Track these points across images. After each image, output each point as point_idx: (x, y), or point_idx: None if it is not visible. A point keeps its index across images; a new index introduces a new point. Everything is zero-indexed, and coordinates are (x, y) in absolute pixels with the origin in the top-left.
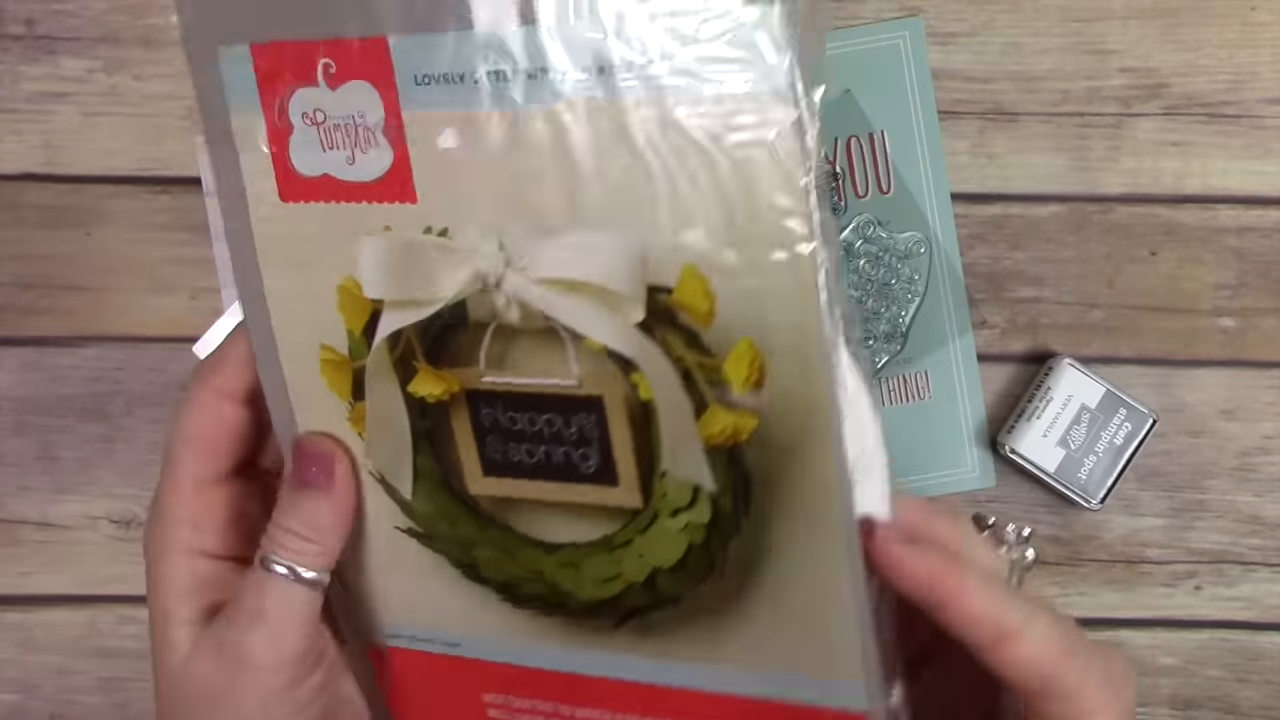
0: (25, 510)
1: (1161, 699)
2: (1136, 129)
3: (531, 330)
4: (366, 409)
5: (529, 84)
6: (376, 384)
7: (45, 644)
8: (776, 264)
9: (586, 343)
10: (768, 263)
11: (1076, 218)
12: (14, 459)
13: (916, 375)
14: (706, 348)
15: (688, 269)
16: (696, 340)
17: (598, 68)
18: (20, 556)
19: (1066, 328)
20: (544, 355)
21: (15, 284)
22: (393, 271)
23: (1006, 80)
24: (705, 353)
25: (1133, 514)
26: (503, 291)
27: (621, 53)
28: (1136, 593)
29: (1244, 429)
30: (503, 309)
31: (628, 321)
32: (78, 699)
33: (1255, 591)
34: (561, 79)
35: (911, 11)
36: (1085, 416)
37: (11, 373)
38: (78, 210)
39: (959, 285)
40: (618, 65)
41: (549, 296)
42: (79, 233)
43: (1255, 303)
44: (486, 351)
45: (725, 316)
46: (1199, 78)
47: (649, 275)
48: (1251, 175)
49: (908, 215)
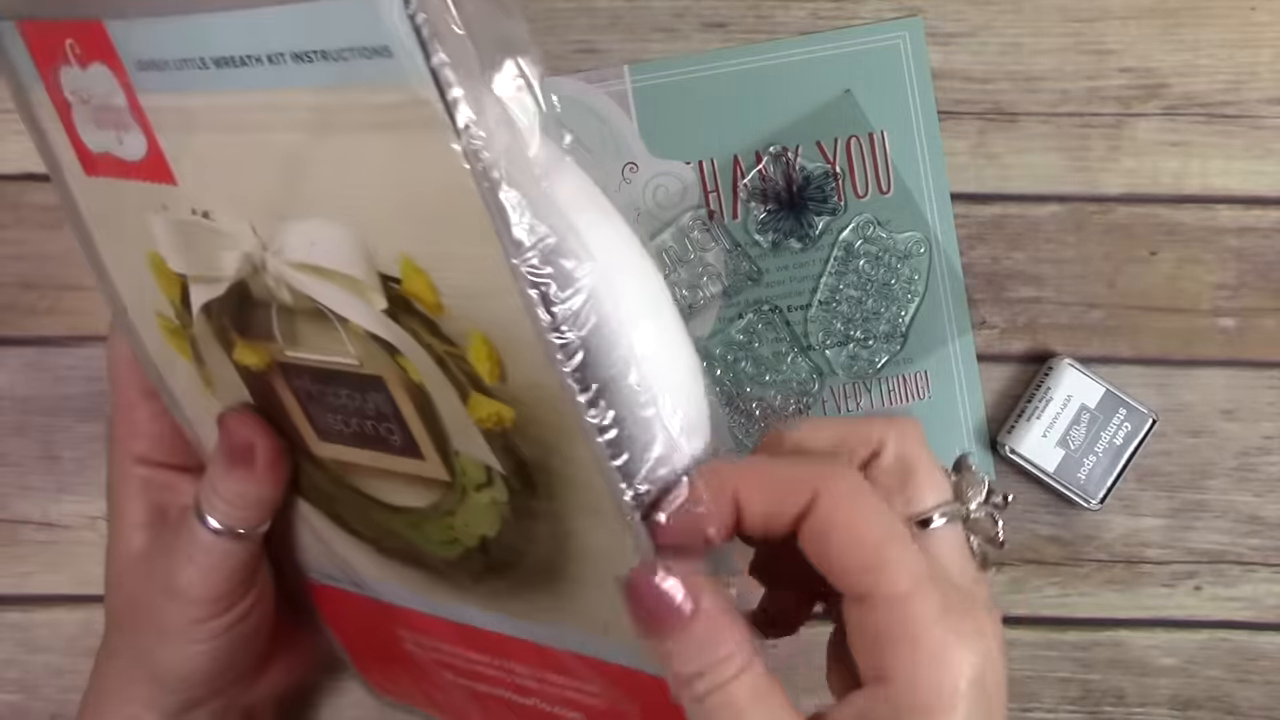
0: (26, 510)
1: (1161, 699)
2: (1136, 129)
3: (305, 310)
4: (210, 373)
5: (247, 70)
6: (209, 351)
7: (46, 644)
8: (473, 259)
9: (351, 325)
10: (467, 256)
11: (1076, 218)
12: (15, 459)
13: (916, 375)
14: (448, 337)
15: (406, 262)
16: (438, 329)
17: (298, 55)
18: (21, 556)
19: (1066, 328)
20: (324, 334)
21: (16, 284)
22: (181, 249)
23: (1006, 80)
24: (449, 342)
25: (1132, 514)
26: (269, 273)
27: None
28: (1136, 593)
29: (1244, 429)
30: (274, 289)
31: (375, 308)
32: (78, 699)
33: (1255, 591)
34: (270, 64)
35: (911, 11)
36: (1085, 416)
37: (13, 373)
38: None
39: (959, 285)
40: (313, 52)
41: (306, 280)
42: None
43: (1255, 303)
44: (279, 328)
45: (454, 309)
46: (1199, 78)
47: (380, 265)
48: (1251, 175)
49: (908, 215)
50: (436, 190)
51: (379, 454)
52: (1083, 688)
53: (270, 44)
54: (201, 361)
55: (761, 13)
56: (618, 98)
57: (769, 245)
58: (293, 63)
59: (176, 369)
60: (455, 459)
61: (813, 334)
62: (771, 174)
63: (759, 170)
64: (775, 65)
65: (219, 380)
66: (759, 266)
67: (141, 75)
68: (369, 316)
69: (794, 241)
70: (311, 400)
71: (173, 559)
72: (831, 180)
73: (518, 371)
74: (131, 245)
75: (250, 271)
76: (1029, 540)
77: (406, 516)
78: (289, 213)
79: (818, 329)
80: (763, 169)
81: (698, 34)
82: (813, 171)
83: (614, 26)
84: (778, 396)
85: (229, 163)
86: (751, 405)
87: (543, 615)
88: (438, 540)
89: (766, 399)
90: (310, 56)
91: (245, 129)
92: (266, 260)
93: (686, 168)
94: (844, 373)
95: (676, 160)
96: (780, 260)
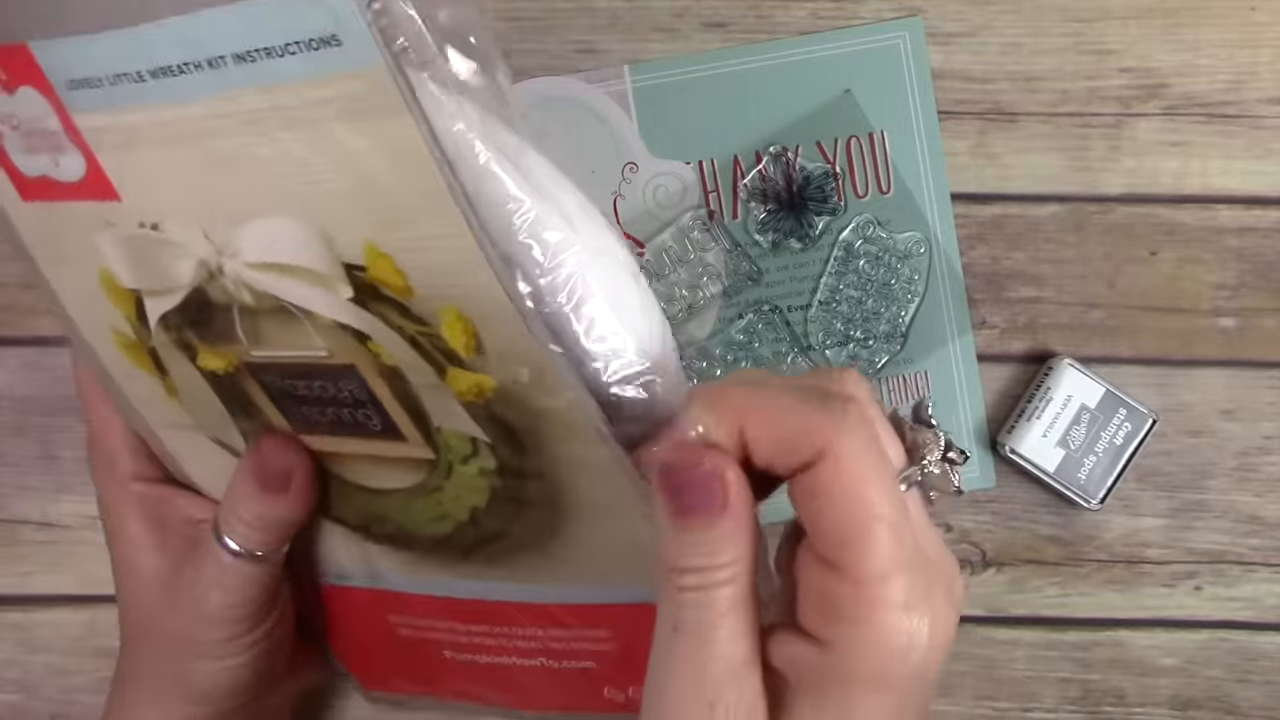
0: (26, 510)
1: (1161, 699)
2: (1136, 129)
3: (268, 309)
4: (175, 383)
5: (186, 77)
6: (171, 361)
7: (46, 644)
8: (439, 237)
9: (317, 318)
10: (432, 235)
11: (1076, 218)
12: (14, 459)
13: (916, 375)
14: (420, 318)
15: (370, 248)
16: (408, 311)
17: (240, 55)
18: (21, 556)
19: (1066, 328)
20: (290, 330)
21: (17, 284)
22: (132, 264)
23: (1006, 80)
24: (421, 322)
25: (1133, 514)
26: (228, 277)
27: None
28: (1136, 593)
29: (1244, 429)
30: (235, 292)
31: (341, 297)
32: (78, 699)
33: (1255, 591)
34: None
35: (911, 11)
36: (1085, 416)
37: (12, 372)
38: None
39: (959, 285)
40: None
41: (267, 279)
42: None
43: (1255, 303)
44: (242, 330)
45: (424, 289)
46: (1199, 78)
47: (343, 255)
48: (1251, 175)
49: (908, 215)
50: (397, 174)
51: (359, 440)
52: (1083, 688)
53: (208, 48)
54: (164, 373)
55: (761, 13)
56: (618, 98)
57: (769, 245)
58: (234, 64)
59: (138, 383)
60: (437, 435)
61: (813, 334)
62: (771, 174)
63: (759, 170)
64: (775, 65)
65: (185, 389)
66: (759, 266)
67: (74, 95)
68: (336, 307)
69: (794, 241)
70: (283, 396)
71: (197, 585)
72: (831, 180)
73: (494, 340)
74: (80, 265)
75: (206, 277)
76: (1029, 540)
77: (393, 499)
78: (243, 214)
79: (818, 329)
80: (763, 169)
81: (698, 34)
82: (813, 171)
83: (614, 26)
84: None
85: (175, 174)
86: None
87: (538, 576)
88: (426, 518)
89: None
90: (253, 56)
91: (190, 139)
92: (224, 264)
93: (686, 168)
94: None
95: (676, 160)
96: (780, 260)
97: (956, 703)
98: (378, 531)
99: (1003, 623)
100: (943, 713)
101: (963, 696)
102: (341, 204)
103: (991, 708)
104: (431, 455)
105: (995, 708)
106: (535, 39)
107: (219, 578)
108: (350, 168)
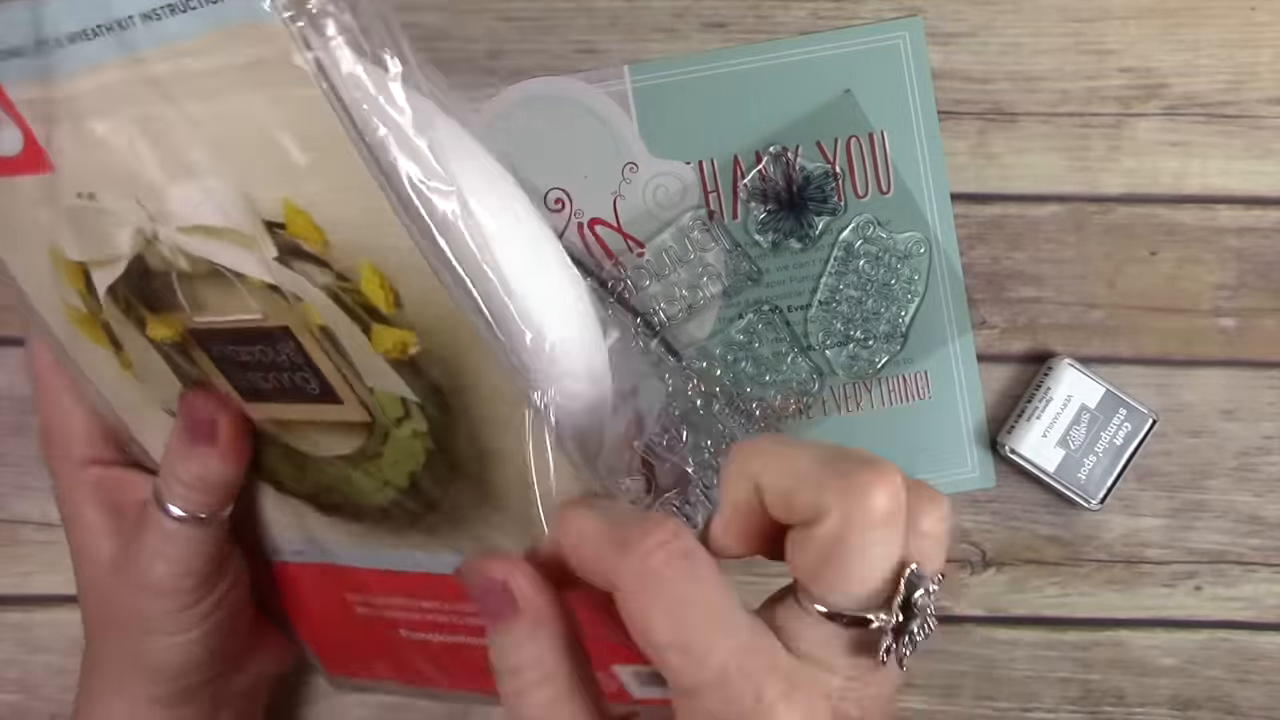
0: (26, 510)
1: (1161, 699)
2: (1136, 129)
3: (204, 274)
4: (129, 356)
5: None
6: (124, 334)
7: (46, 644)
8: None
9: (248, 280)
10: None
11: (1076, 218)
12: (14, 459)
13: (916, 375)
14: (340, 274)
15: (288, 205)
16: (329, 267)
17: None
18: (21, 556)
19: (1066, 328)
20: (226, 294)
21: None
22: (75, 236)
23: (1006, 80)
24: (342, 278)
25: (1133, 514)
26: (163, 243)
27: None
28: (1136, 593)
29: (1244, 429)
30: (171, 258)
31: (266, 257)
32: None
33: (1255, 591)
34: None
35: (911, 11)
36: (1085, 416)
37: (12, 372)
38: None
39: (959, 285)
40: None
41: (197, 243)
42: None
43: (1255, 303)
44: (183, 296)
45: (340, 243)
46: (1199, 78)
47: (264, 213)
48: (1251, 175)
49: (908, 215)
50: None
51: (301, 405)
52: (1083, 688)
53: (114, 9)
54: (119, 346)
55: (761, 13)
56: (618, 98)
57: (769, 245)
58: (141, 24)
59: (96, 360)
60: (371, 397)
61: (813, 334)
62: (771, 174)
63: (759, 170)
64: (775, 65)
65: (139, 362)
66: (759, 266)
67: (3, 66)
68: (262, 267)
69: (794, 241)
70: (228, 363)
71: (142, 556)
72: (831, 180)
73: (411, 295)
74: (29, 242)
75: (144, 245)
76: (1029, 540)
77: (337, 467)
78: (168, 179)
79: (818, 329)
80: (763, 169)
81: (698, 34)
82: (813, 171)
83: (614, 26)
84: (778, 397)
85: (100, 142)
86: (751, 405)
87: (478, 548)
88: (371, 487)
89: (766, 399)
90: (158, 14)
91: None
92: (158, 230)
93: (686, 168)
94: (844, 373)
95: (676, 160)
96: (780, 260)
97: (956, 703)
98: (326, 501)
99: (1003, 623)
100: (943, 713)
101: (963, 696)
102: (256, 162)
103: (991, 708)
104: (367, 417)
105: (995, 708)
106: (535, 39)
107: (162, 547)
108: (258, 124)
